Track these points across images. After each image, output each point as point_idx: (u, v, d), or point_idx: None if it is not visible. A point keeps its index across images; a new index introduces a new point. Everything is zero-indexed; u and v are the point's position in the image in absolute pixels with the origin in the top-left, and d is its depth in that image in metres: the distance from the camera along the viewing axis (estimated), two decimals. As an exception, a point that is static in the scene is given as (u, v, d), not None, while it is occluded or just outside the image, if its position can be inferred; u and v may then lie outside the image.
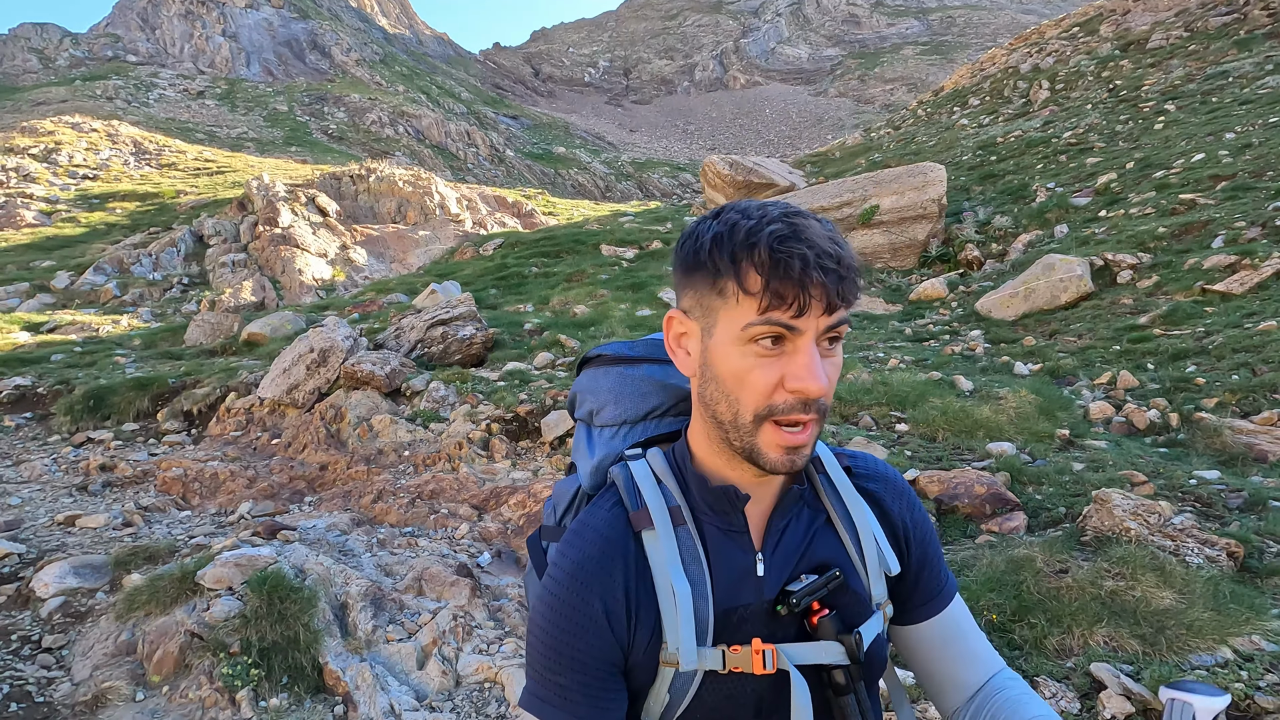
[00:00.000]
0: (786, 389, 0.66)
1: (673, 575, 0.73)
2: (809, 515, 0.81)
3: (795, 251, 0.63)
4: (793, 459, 0.69)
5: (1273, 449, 3.57)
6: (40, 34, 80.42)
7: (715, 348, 0.69)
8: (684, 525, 0.75)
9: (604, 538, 0.75)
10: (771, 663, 0.73)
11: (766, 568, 0.77)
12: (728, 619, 0.74)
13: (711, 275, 0.67)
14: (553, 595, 0.73)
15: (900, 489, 0.89)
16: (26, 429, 6.40)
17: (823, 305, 0.64)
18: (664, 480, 0.78)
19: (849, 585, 0.79)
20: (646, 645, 0.73)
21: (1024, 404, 4.26)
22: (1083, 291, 6.64)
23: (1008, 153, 12.46)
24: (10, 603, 3.13)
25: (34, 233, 15.89)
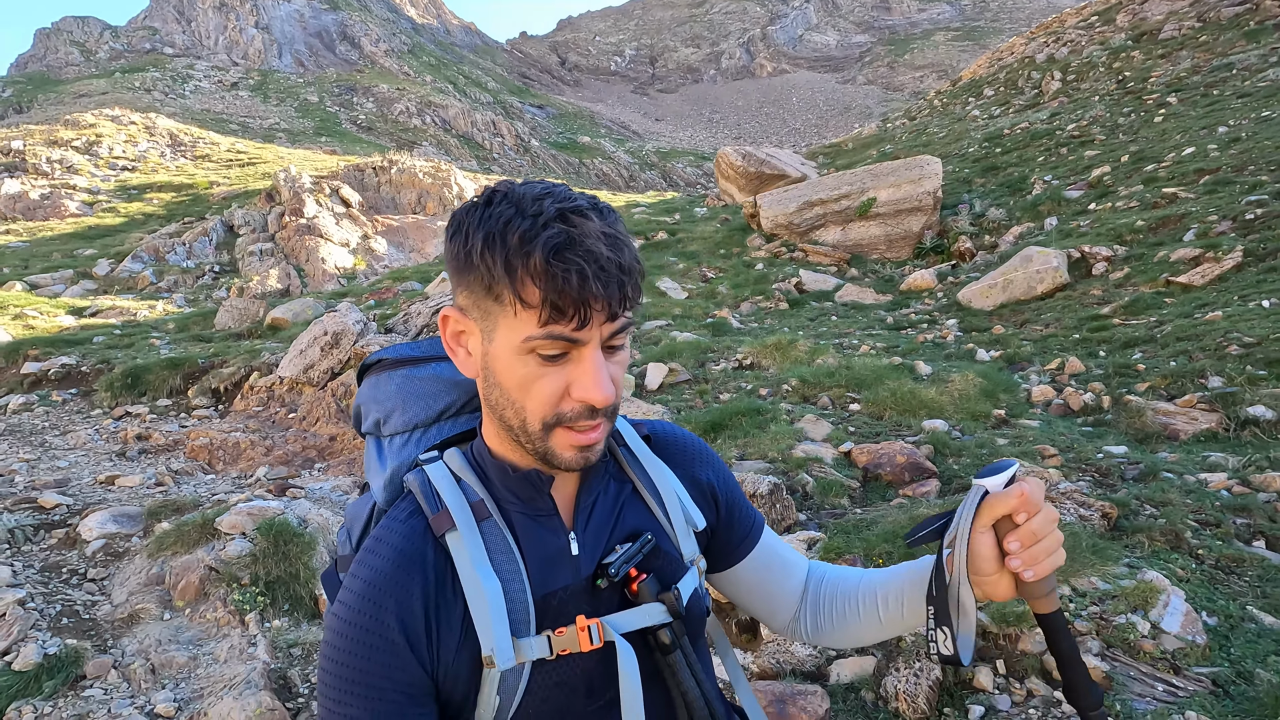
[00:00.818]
0: (573, 397, 0.66)
1: (480, 573, 0.70)
2: (615, 487, 0.82)
3: (573, 265, 0.61)
4: (586, 456, 0.69)
5: (1185, 428, 3.87)
6: (81, 27, 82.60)
7: (497, 355, 0.67)
8: (489, 519, 0.74)
9: (398, 551, 0.71)
10: (598, 636, 0.72)
11: (580, 545, 0.76)
12: (548, 604, 0.73)
13: (486, 280, 0.65)
14: (342, 621, 0.69)
15: (697, 448, 0.92)
16: (72, 403, 7.03)
17: (604, 315, 0.64)
18: (463, 477, 0.76)
19: (661, 548, 0.80)
20: (456, 654, 0.70)
21: (969, 387, 4.59)
22: (1058, 283, 6.89)
23: (1012, 145, 12.57)
24: (60, 544, 3.67)
25: (77, 222, 16.76)
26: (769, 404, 4.61)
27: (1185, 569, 2.62)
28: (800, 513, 3.28)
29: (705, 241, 11.31)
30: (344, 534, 0.87)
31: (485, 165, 58.93)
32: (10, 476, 4.87)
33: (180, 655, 2.77)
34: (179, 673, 2.69)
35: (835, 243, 10.32)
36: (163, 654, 2.78)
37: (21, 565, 3.36)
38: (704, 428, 4.32)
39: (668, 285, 8.87)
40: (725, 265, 9.98)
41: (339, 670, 0.67)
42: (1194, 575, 2.60)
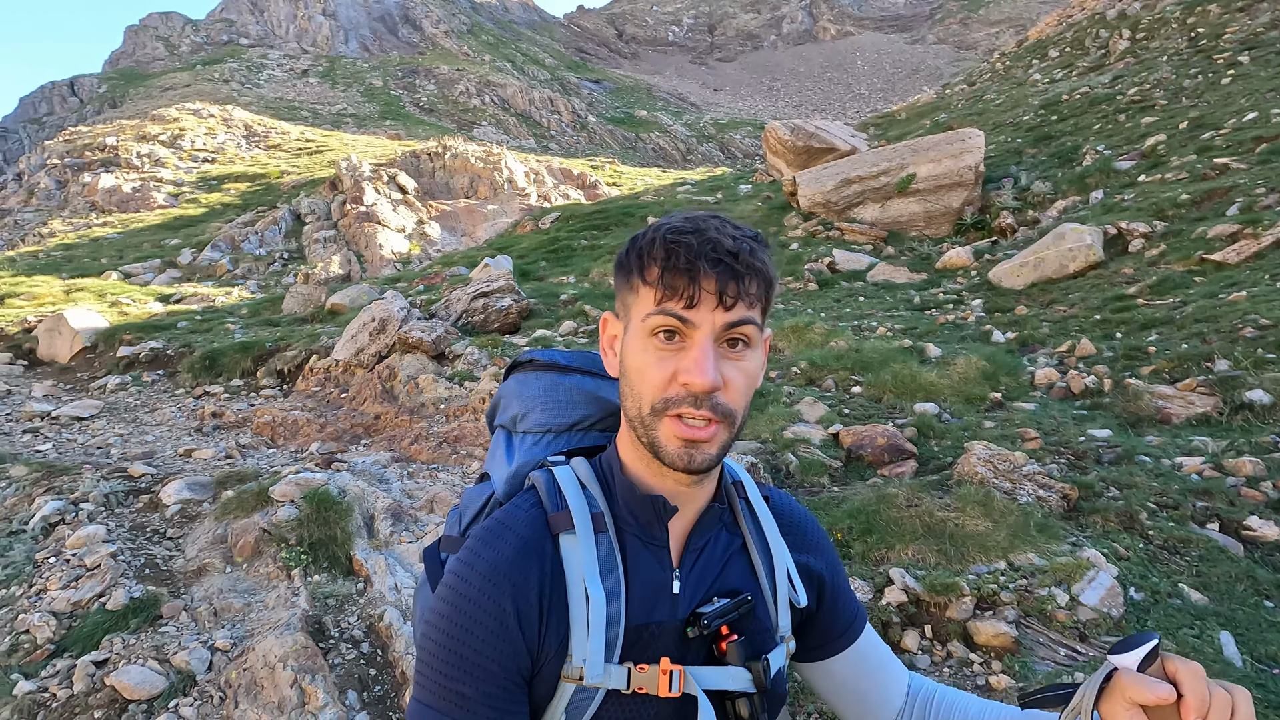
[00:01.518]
0: (679, 382, 0.67)
1: (589, 582, 0.70)
2: (726, 538, 0.81)
3: (684, 243, 0.65)
4: (690, 453, 0.68)
5: (1180, 412, 3.91)
6: (165, 23, 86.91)
7: (629, 343, 0.71)
8: (605, 533, 0.73)
9: (521, 538, 0.72)
10: (678, 685, 0.70)
11: (682, 586, 0.75)
12: (638, 635, 0.72)
13: (627, 274, 0.70)
14: (461, 596, 0.69)
15: (813, 525, 0.90)
16: (159, 383, 7.87)
17: (715, 299, 0.65)
18: (588, 486, 0.76)
19: (757, 613, 0.78)
20: (554, 654, 0.70)
21: (970, 370, 4.70)
22: (1091, 261, 6.76)
23: (1070, 111, 12.06)
24: (145, 507, 4.29)
25: (164, 214, 18.12)
26: (773, 386, 4.85)
27: (1129, 548, 2.77)
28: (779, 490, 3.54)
29: (744, 221, 11.39)
30: (455, 516, 0.88)
31: (543, 143, 59.43)
32: (107, 449, 5.61)
33: (237, 602, 3.29)
34: (235, 616, 3.21)
35: (873, 220, 10.25)
36: (223, 600, 3.31)
37: (114, 525, 3.98)
38: (708, 409, 4.59)
39: (700, 267, 9.06)
40: (760, 245, 10.09)
41: (453, 646, 0.67)
42: (1136, 554, 2.75)
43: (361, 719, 2.62)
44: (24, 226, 18.74)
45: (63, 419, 6.49)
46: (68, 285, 11.86)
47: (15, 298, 11.10)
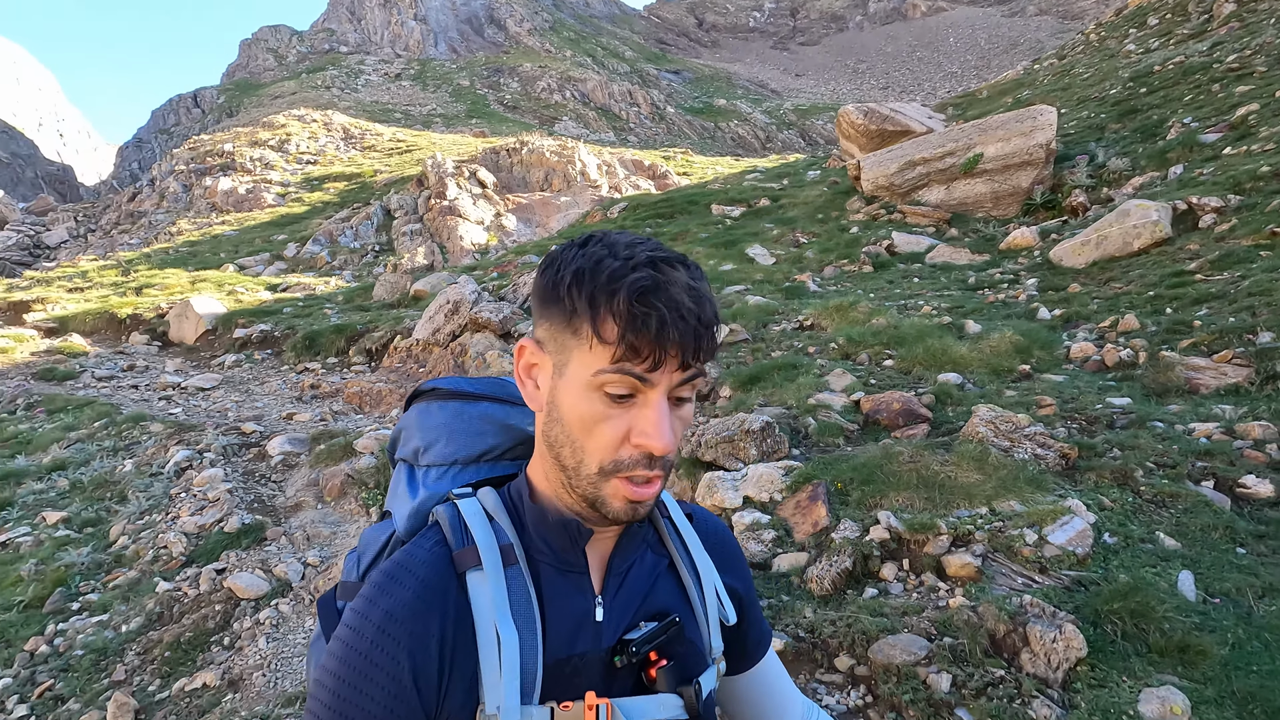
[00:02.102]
0: (632, 443, 0.65)
1: (499, 621, 0.66)
2: (652, 559, 0.79)
3: (655, 311, 0.61)
4: (635, 509, 0.67)
5: (1210, 383, 3.92)
6: (274, 35, 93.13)
7: (565, 388, 0.66)
8: (515, 565, 0.70)
9: (421, 581, 0.67)
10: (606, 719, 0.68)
11: (606, 613, 0.73)
12: (559, 671, 0.69)
13: (568, 313, 0.65)
14: (353, 651, 0.65)
15: (731, 541, 0.90)
16: (267, 360, 8.87)
17: (677, 362, 0.63)
18: (496, 517, 0.72)
19: (686, 634, 0.76)
20: (460, 705, 0.66)
21: (1003, 344, 4.79)
22: (1157, 237, 6.57)
23: (1160, 84, 11.41)
24: (254, 457, 5.05)
25: (272, 212, 19.82)
26: (807, 360, 5.10)
27: (1117, 501, 2.93)
28: (795, 449, 3.83)
29: (806, 206, 11.49)
30: (353, 559, 0.84)
31: (622, 135, 60.03)
32: (225, 412, 6.50)
33: (325, 530, 3.92)
34: (323, 541, 3.83)
35: (938, 202, 10.13)
36: (314, 529, 3.94)
37: (230, 470, 4.73)
38: (744, 380, 4.91)
39: (756, 251, 9.29)
40: (820, 230, 10.19)
41: (338, 704, 0.64)
42: (1123, 506, 2.90)
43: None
44: (157, 226, 20.95)
45: (190, 389, 7.50)
46: (193, 277, 13.34)
47: (151, 288, 12.61)
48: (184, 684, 2.89)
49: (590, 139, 53.93)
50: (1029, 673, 2.11)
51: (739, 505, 3.35)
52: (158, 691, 2.90)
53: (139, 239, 19.99)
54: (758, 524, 3.16)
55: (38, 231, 25.69)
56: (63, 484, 5.00)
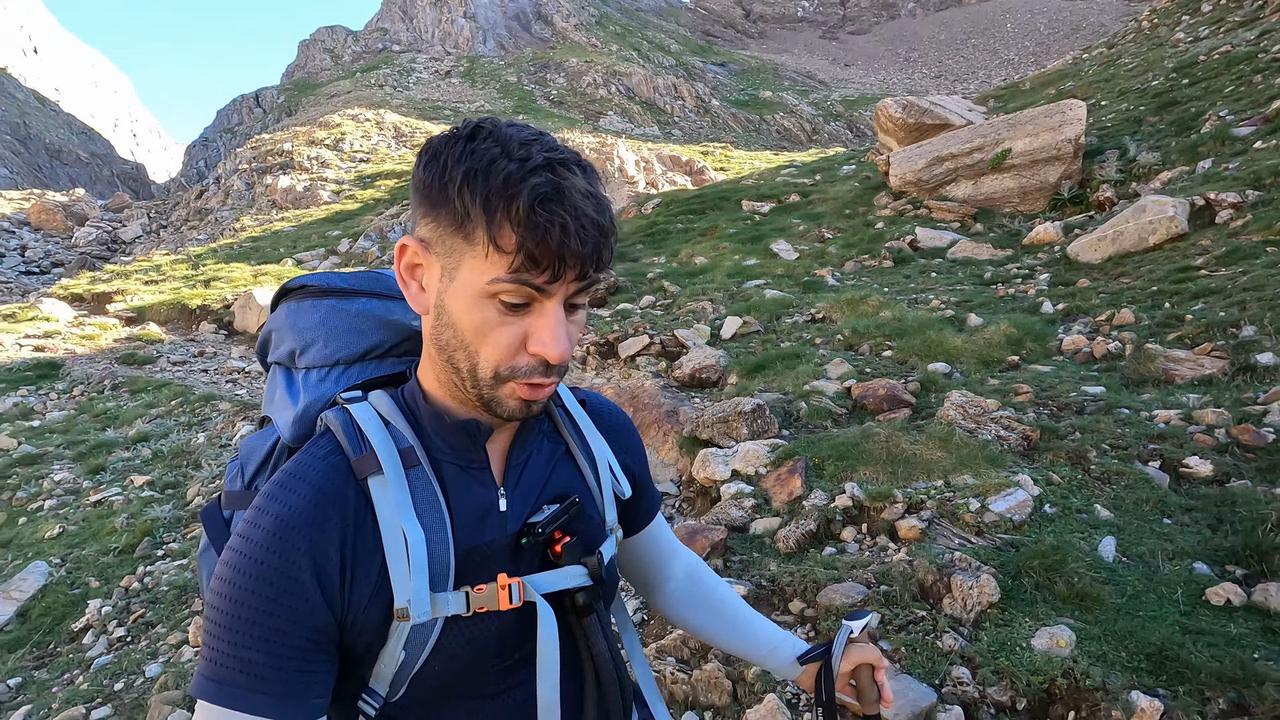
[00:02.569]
0: (529, 351, 0.65)
1: (404, 522, 0.68)
2: (549, 447, 0.82)
3: (556, 218, 0.60)
4: (529, 408, 0.69)
5: (1186, 373, 4.12)
6: (331, 35, 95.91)
7: (456, 294, 0.65)
8: (418, 467, 0.71)
9: (316, 489, 0.67)
10: (518, 595, 0.72)
11: (509, 503, 0.76)
12: (470, 559, 0.72)
13: (459, 217, 0.62)
14: (245, 557, 0.64)
15: (624, 422, 0.95)
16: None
17: (576, 272, 0.63)
18: (392, 421, 0.73)
19: (586, 512, 0.81)
20: (367, 603, 0.67)
21: (997, 335, 5.04)
22: (1173, 233, 6.64)
23: (1203, 74, 11.20)
24: (309, 433, 5.67)
25: (328, 209, 20.86)
26: (812, 350, 5.43)
27: (1066, 478, 3.22)
28: (785, 429, 4.20)
29: (835, 202, 11.67)
30: (235, 468, 0.83)
31: (666, 129, 60.11)
32: (283, 395, 7.16)
33: (368, 495, 4.49)
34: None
35: (965, 198, 10.22)
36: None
37: (287, 443, 5.34)
38: (749, 368, 5.28)
39: (780, 247, 9.57)
40: (846, 225, 10.39)
41: (238, 611, 0.63)
42: (1071, 482, 3.19)
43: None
44: (222, 222, 22.26)
45: (252, 373, 8.23)
46: (255, 271, 14.29)
47: (217, 281, 13.58)
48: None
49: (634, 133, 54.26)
50: (947, 614, 2.46)
51: (728, 477, 3.74)
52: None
53: (206, 234, 21.28)
54: (741, 493, 3.55)
55: (114, 228, 27.51)
56: (146, 453, 5.70)
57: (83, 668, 3.39)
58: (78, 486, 5.32)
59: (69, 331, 10.61)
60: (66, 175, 64.77)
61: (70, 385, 8.08)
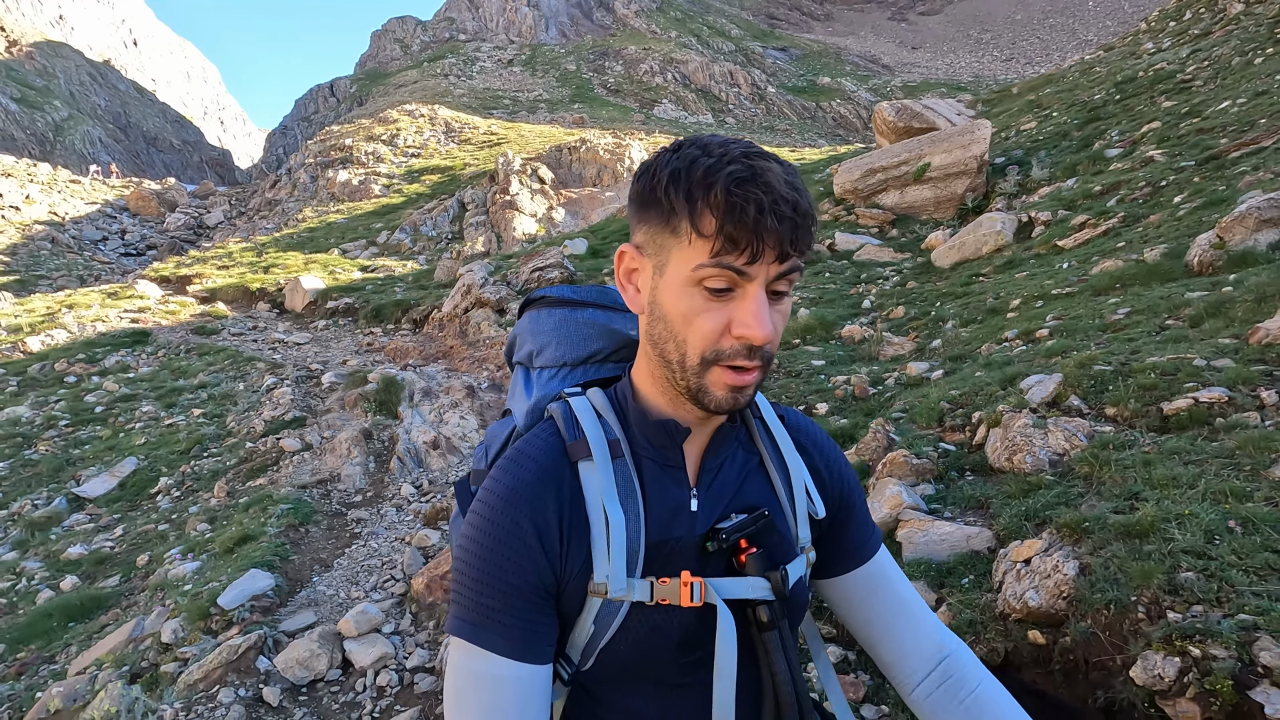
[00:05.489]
0: (733, 334, 0.68)
1: (607, 504, 0.75)
2: (743, 456, 0.85)
3: (752, 196, 0.64)
4: (737, 398, 0.72)
5: (888, 352, 5.79)
6: (401, 26, 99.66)
7: (665, 287, 0.70)
8: (621, 458, 0.78)
9: (538, 465, 0.76)
10: (699, 595, 0.75)
11: (700, 504, 0.79)
12: (658, 551, 0.77)
13: (666, 213, 0.69)
14: (484, 519, 0.75)
15: (828, 443, 0.95)
16: (346, 325, 11.92)
17: (775, 253, 0.66)
18: (604, 415, 0.80)
19: (775, 526, 0.83)
20: (577, 573, 0.75)
21: (800, 323, 6.76)
22: (1001, 244, 8.11)
23: (1132, 91, 12.22)
24: (313, 384, 7.87)
25: (376, 202, 23.47)
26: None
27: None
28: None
29: (790, 206, 13.23)
30: (481, 450, 0.94)
31: (720, 117, 60.94)
32: (306, 359, 9.47)
33: (339, 423, 6.61)
34: (336, 427, 6.51)
35: (893, 205, 11.67)
36: (334, 421, 6.64)
37: (295, 390, 7.56)
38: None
39: (720, 247, 11.29)
40: (786, 228, 11.99)
41: (480, 564, 0.73)
42: (744, 418, 4.99)
43: (371, 463, 5.74)
44: (288, 213, 25.23)
45: (289, 343, 10.61)
46: (306, 259, 16.88)
47: (275, 267, 16.21)
48: (254, 482, 5.63)
49: (687, 122, 55.56)
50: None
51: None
52: (240, 488, 5.66)
53: (273, 224, 24.26)
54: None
55: (200, 213, 31.14)
56: (203, 395, 8.06)
57: (155, 511, 5.65)
58: (157, 415, 7.71)
59: (157, 307, 13.34)
60: (161, 161, 70.37)
61: (156, 349, 10.64)
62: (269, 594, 3.49)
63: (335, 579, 3.84)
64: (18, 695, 3.38)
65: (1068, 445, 2.91)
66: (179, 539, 4.91)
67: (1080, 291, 5.20)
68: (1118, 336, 3.95)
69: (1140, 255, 5.40)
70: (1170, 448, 2.63)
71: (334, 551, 4.25)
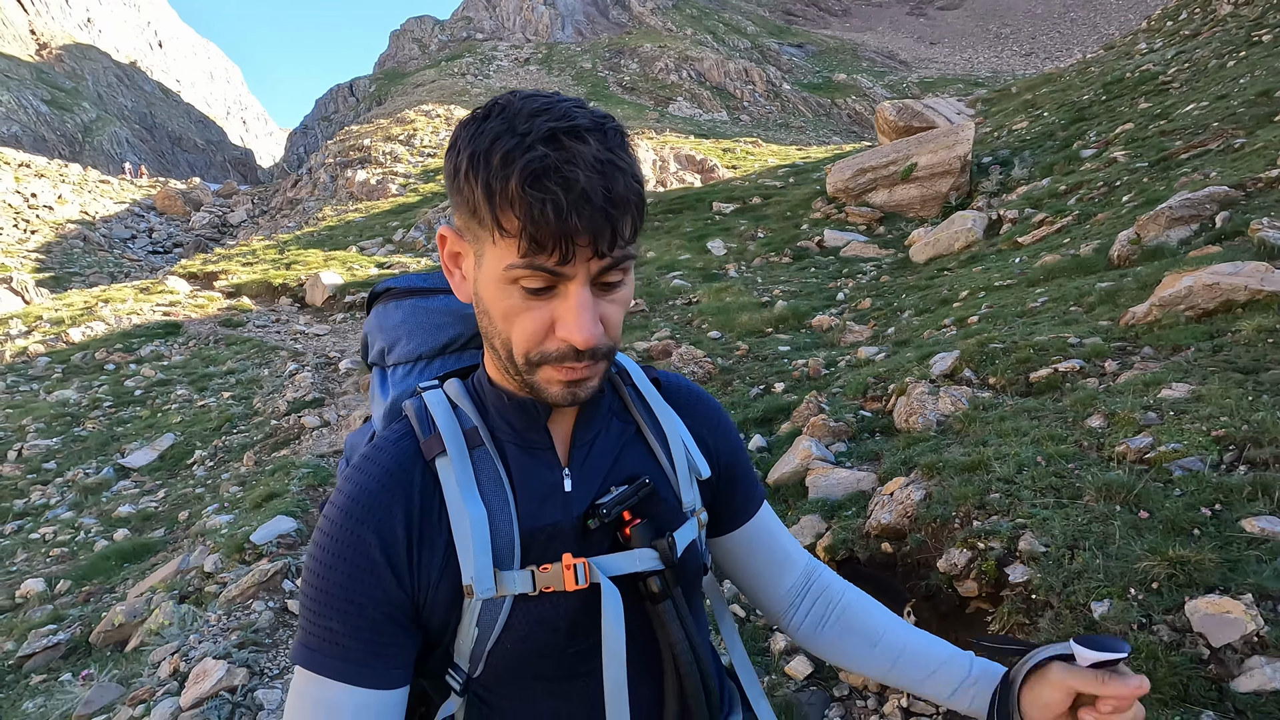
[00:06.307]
0: (557, 336, 0.65)
1: (466, 500, 0.70)
2: (619, 427, 0.81)
3: (549, 196, 0.58)
4: (574, 392, 0.68)
5: (849, 339, 6.35)
6: (419, 25, 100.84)
7: (484, 280, 0.66)
8: (481, 446, 0.73)
9: (385, 470, 0.72)
10: (584, 576, 0.71)
11: (574, 483, 0.76)
12: (534, 539, 0.72)
13: (471, 203, 0.62)
14: (324, 534, 0.70)
15: (705, 401, 0.92)
16: (362, 319, 12.61)
17: (590, 250, 0.61)
18: (459, 405, 0.76)
19: (659, 494, 0.79)
20: (438, 580, 0.70)
21: (774, 314, 7.34)
22: (971, 240, 8.62)
23: (1118, 92, 12.61)
24: (331, 370, 8.57)
25: (393, 201, 24.27)
26: (657, 323, 7.87)
27: (735, 391, 5.60)
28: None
29: (786, 204, 13.77)
30: (343, 464, 0.87)
31: (734, 115, 61.29)
32: (325, 348, 10.21)
33: (353, 403, 7.29)
34: (352, 408, 7.20)
35: (881, 204, 12.17)
36: (349, 402, 7.33)
37: (315, 375, 8.27)
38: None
39: (715, 245, 11.87)
40: (779, 226, 12.54)
41: (320, 583, 0.69)
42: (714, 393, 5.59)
43: (381, 438, 6.45)
44: (308, 212, 26.12)
45: (309, 335, 11.36)
46: (326, 256, 17.68)
47: (297, 264, 17.02)
48: (278, 453, 6.33)
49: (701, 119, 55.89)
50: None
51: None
52: (266, 458, 6.37)
53: (295, 222, 25.16)
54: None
55: (224, 212, 32.20)
56: (232, 380, 8.81)
57: (192, 478, 6.37)
58: (190, 397, 8.47)
59: (186, 301, 14.18)
60: (185, 161, 71.90)
61: (187, 339, 11.43)
62: (292, 534, 4.16)
63: (348, 527, 4.52)
64: (86, 615, 4.08)
65: (952, 408, 3.49)
66: (214, 499, 5.62)
67: (1018, 284, 5.74)
68: (1028, 321, 4.51)
69: (1077, 251, 5.91)
70: (1024, 407, 3.21)
71: (347, 507, 4.94)
